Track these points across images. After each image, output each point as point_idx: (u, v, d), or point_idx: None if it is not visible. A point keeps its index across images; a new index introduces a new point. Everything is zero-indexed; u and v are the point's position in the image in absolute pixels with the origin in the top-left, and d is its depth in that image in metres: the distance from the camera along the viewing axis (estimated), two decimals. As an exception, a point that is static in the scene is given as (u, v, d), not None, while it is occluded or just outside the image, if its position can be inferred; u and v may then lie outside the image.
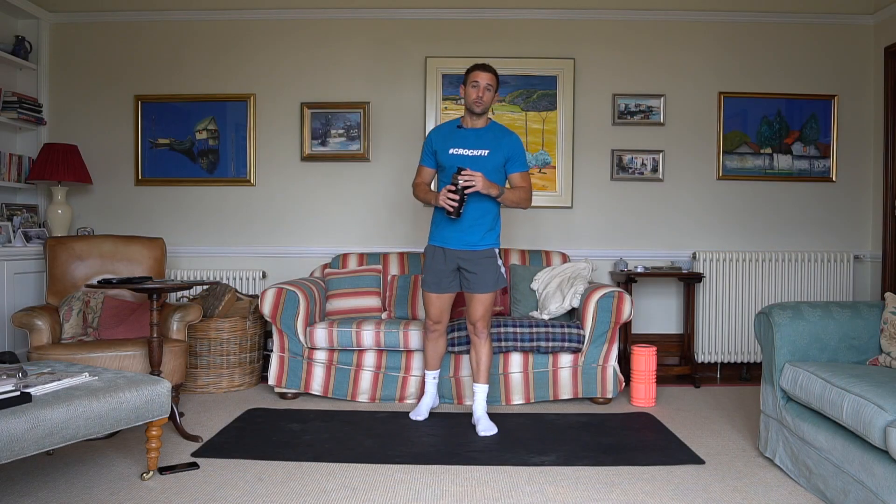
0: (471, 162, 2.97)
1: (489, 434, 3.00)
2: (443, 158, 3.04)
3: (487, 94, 2.97)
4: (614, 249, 4.47)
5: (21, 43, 4.26)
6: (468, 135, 3.03)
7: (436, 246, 3.09)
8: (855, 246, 4.51)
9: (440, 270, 3.06)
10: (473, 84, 2.97)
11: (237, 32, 4.49)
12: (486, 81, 2.96)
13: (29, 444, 1.99)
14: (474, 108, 2.99)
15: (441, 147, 3.05)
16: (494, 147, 3.00)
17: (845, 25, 4.48)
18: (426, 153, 3.14)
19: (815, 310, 2.62)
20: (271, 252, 4.50)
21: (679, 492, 2.37)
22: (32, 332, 3.19)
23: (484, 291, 3.05)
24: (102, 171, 4.49)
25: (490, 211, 3.03)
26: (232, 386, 3.83)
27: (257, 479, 2.48)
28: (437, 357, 3.28)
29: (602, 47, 4.45)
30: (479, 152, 2.99)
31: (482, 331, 3.11)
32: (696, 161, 4.47)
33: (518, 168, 3.06)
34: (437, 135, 3.11)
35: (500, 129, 3.10)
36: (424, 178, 3.17)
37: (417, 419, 3.20)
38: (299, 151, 4.49)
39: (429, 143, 3.12)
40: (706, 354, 4.33)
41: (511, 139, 3.05)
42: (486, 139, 3.02)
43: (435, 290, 3.10)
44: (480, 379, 3.14)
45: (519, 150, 3.05)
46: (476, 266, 3.03)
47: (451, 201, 2.86)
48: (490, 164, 2.99)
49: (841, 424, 2.21)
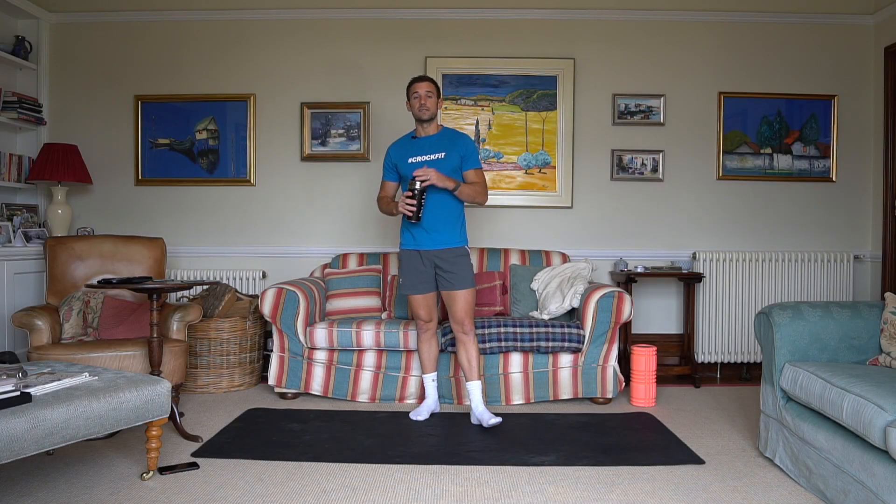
0: (430, 165, 3.10)
1: (496, 422, 3.05)
2: (403, 169, 3.19)
3: (429, 100, 3.14)
4: (614, 249, 4.47)
5: (21, 43, 4.27)
6: (423, 143, 3.19)
7: (410, 249, 3.20)
8: (855, 246, 4.51)
9: (418, 271, 3.17)
10: (415, 95, 3.15)
11: (237, 32, 4.49)
12: (426, 89, 3.14)
13: (29, 444, 1.99)
14: (422, 116, 3.15)
15: (400, 159, 3.21)
16: (449, 149, 3.16)
17: (845, 25, 4.48)
18: (387, 168, 3.29)
19: (815, 310, 2.62)
20: (271, 252, 4.50)
21: (679, 492, 2.37)
22: (32, 332, 3.19)
23: (464, 287, 3.14)
24: (102, 171, 4.49)
25: (453, 209, 3.17)
26: (232, 386, 3.83)
27: (257, 479, 2.48)
28: (432, 359, 3.33)
29: (602, 47, 4.45)
30: (435, 156, 3.15)
31: (470, 329, 3.18)
32: (696, 161, 4.47)
33: (472, 165, 3.20)
34: (395, 149, 3.27)
35: (452, 132, 3.27)
36: (387, 192, 3.32)
37: (417, 419, 3.23)
38: (299, 151, 4.49)
39: (388, 158, 3.28)
40: (706, 354, 4.33)
41: (463, 140, 3.23)
42: (440, 144, 3.17)
43: (416, 292, 3.19)
44: (474, 376, 3.19)
45: (472, 149, 3.22)
46: (452, 265, 3.14)
47: (409, 206, 3.01)
48: (447, 165, 3.13)
49: (841, 424, 2.21)
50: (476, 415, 3.14)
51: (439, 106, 3.22)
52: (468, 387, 3.19)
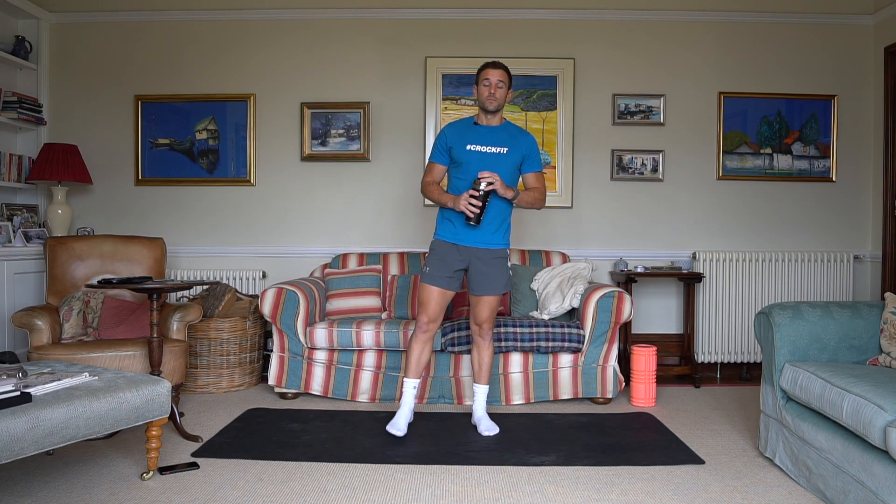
0: (490, 159, 2.93)
1: (491, 434, 2.99)
2: (459, 154, 2.95)
3: (500, 90, 2.93)
4: (614, 249, 4.47)
5: (21, 43, 4.27)
6: (484, 132, 2.97)
7: (448, 241, 2.97)
8: (855, 246, 4.51)
9: (450, 265, 2.95)
10: (485, 82, 2.93)
11: (237, 32, 4.49)
12: (497, 78, 2.93)
13: (29, 444, 1.99)
14: (488, 106, 2.93)
15: (457, 142, 2.97)
16: (512, 145, 2.96)
17: (845, 25, 4.48)
18: (439, 149, 3.03)
19: (815, 310, 2.62)
20: (271, 252, 4.50)
21: (679, 492, 2.37)
22: (32, 332, 3.19)
23: (495, 293, 2.99)
24: (102, 171, 4.49)
25: (502, 210, 2.98)
26: (232, 386, 3.83)
27: (257, 479, 2.48)
28: (421, 364, 3.04)
29: (602, 47, 4.45)
30: (497, 149, 2.94)
31: (487, 332, 3.07)
32: (696, 161, 4.47)
33: (533, 168, 3.03)
34: (453, 130, 3.02)
35: (517, 128, 3.08)
36: (436, 177, 3.06)
37: (397, 434, 2.92)
38: (299, 151, 4.49)
39: (443, 138, 3.02)
40: (706, 354, 4.33)
41: (528, 139, 3.04)
42: (503, 137, 2.97)
43: (441, 285, 2.94)
44: (482, 380, 3.12)
45: (535, 150, 3.04)
46: (489, 266, 2.96)
47: (473, 208, 2.79)
48: (508, 162, 2.95)
49: (841, 424, 2.21)
50: (476, 417, 3.11)
51: (508, 98, 3.00)
52: (474, 388, 3.13)
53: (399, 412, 3.01)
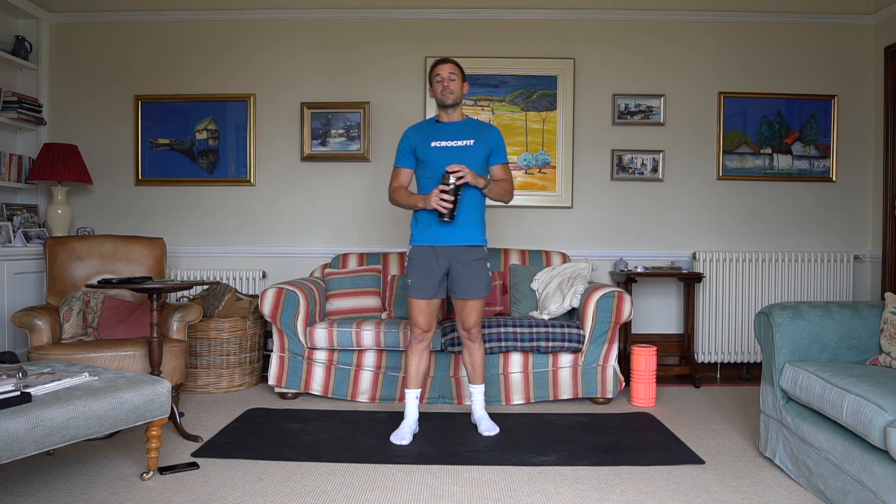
0: (457, 153, 2.88)
1: (492, 433, 2.99)
2: (424, 153, 2.90)
3: (453, 83, 2.87)
4: (614, 249, 4.47)
5: (21, 43, 4.27)
6: (448, 128, 2.93)
7: (425, 246, 2.93)
8: (855, 246, 4.51)
9: (431, 272, 2.91)
10: (437, 79, 2.89)
11: (237, 32, 4.49)
12: (448, 71, 2.87)
13: (29, 444, 1.99)
14: (445, 100, 2.88)
15: (421, 142, 2.92)
16: (478, 138, 2.93)
17: (845, 25, 4.48)
18: (403, 153, 2.97)
19: (815, 310, 2.62)
20: (271, 252, 4.50)
21: (679, 492, 2.37)
22: (32, 332, 3.19)
23: (477, 296, 2.95)
24: (102, 171, 4.49)
25: (476, 204, 2.94)
26: (232, 386, 3.83)
27: (257, 479, 2.48)
28: (421, 373, 3.03)
29: (602, 47, 4.45)
30: (463, 142, 2.90)
31: (477, 335, 3.05)
32: (696, 161, 4.47)
33: (501, 160, 3.00)
34: (415, 131, 2.97)
35: (479, 122, 3.05)
36: (402, 181, 3.00)
37: (402, 443, 2.87)
38: (299, 151, 4.49)
39: (406, 140, 2.97)
40: (706, 354, 4.33)
41: (493, 131, 3.00)
42: (467, 131, 2.93)
43: (425, 296, 2.92)
44: (477, 380, 3.10)
45: (501, 143, 3.01)
46: (469, 269, 2.91)
47: (445, 203, 2.75)
48: (476, 154, 2.91)
49: (841, 424, 2.21)
50: (475, 417, 3.11)
51: (464, 90, 2.93)
52: (471, 389, 3.12)
53: (403, 423, 2.98)
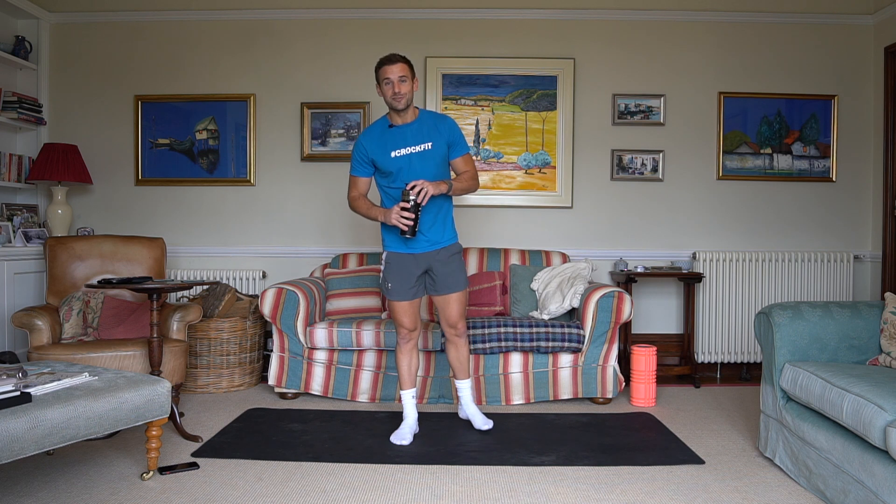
0: (418, 158, 2.80)
1: (489, 426, 3.02)
2: (385, 164, 2.81)
3: (403, 85, 2.73)
4: (614, 249, 4.47)
5: (21, 43, 4.26)
6: (404, 132, 2.82)
7: (401, 252, 2.89)
8: (855, 246, 4.51)
9: (410, 274, 2.89)
10: (386, 82, 2.74)
11: (237, 32, 4.49)
12: (398, 74, 2.73)
13: (29, 444, 1.99)
14: (396, 105, 2.75)
15: (378, 152, 2.82)
16: (435, 137, 2.83)
17: (845, 25, 4.48)
18: (359, 162, 2.86)
19: (815, 310, 2.62)
20: (271, 252, 4.50)
21: (679, 492, 2.37)
22: (32, 332, 3.19)
23: (458, 290, 2.95)
24: (102, 171, 4.49)
25: (442, 206, 2.91)
26: (232, 386, 3.83)
27: (257, 479, 2.48)
28: (413, 373, 3.05)
29: (602, 47, 4.45)
30: (422, 147, 2.80)
31: (462, 331, 3.05)
32: (696, 161, 4.47)
33: (460, 151, 2.91)
34: (370, 139, 2.85)
35: (431, 115, 2.92)
36: (361, 190, 2.91)
37: (402, 443, 2.86)
38: (299, 151, 4.49)
39: (361, 151, 2.85)
40: (706, 354, 4.33)
41: (447, 123, 2.88)
42: (423, 132, 2.82)
43: (406, 297, 2.91)
44: (465, 375, 3.11)
45: (458, 134, 2.90)
46: (446, 266, 2.91)
47: (406, 221, 2.68)
48: (435, 156, 2.83)
49: (841, 424, 2.21)
50: (467, 413, 3.11)
51: (415, 88, 2.80)
52: (458, 385, 3.12)
53: (403, 423, 2.99)
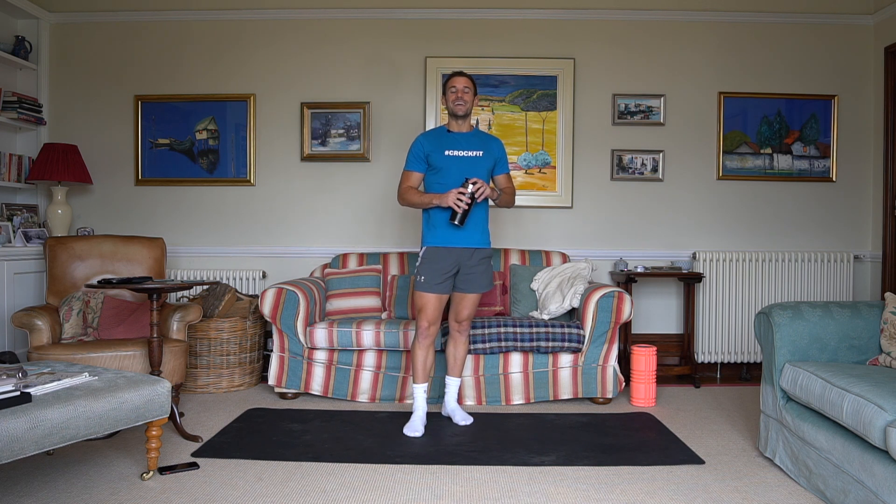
0: (469, 162, 3.08)
1: (468, 423, 3.15)
2: (438, 160, 3.10)
3: (467, 94, 3.09)
4: (614, 249, 4.47)
5: (21, 43, 4.26)
6: (459, 138, 3.14)
7: (440, 247, 3.08)
8: (855, 246, 4.51)
9: (444, 270, 3.06)
10: (452, 90, 3.10)
11: (237, 32, 4.49)
12: (464, 85, 3.09)
13: (29, 444, 1.99)
14: (457, 111, 3.09)
15: (434, 149, 3.11)
16: (486, 149, 3.14)
17: (845, 25, 4.48)
18: (416, 158, 3.15)
19: (815, 310, 2.62)
20: (271, 252, 4.50)
21: (679, 492, 2.37)
22: (32, 332, 3.19)
23: (481, 291, 3.16)
24: (102, 171, 4.49)
25: (484, 210, 3.16)
26: (232, 386, 3.83)
27: (257, 479, 2.48)
28: (428, 368, 3.16)
29: (602, 47, 4.45)
30: (473, 153, 3.11)
31: (466, 329, 3.24)
32: (696, 161, 4.47)
33: (505, 170, 3.25)
34: (428, 138, 3.16)
35: (485, 134, 3.27)
36: (413, 184, 3.18)
37: (415, 435, 2.99)
38: (299, 151, 4.49)
39: (420, 146, 3.15)
40: (706, 354, 4.33)
41: (497, 143, 3.23)
42: (476, 142, 3.14)
43: (439, 291, 3.07)
44: (456, 373, 3.28)
45: (504, 154, 3.25)
46: (478, 267, 3.12)
47: (461, 203, 2.92)
48: (484, 165, 3.12)
49: (841, 424, 2.21)
50: (448, 409, 3.24)
51: (475, 103, 3.18)
52: (447, 381, 3.27)
53: (414, 415, 3.11)
